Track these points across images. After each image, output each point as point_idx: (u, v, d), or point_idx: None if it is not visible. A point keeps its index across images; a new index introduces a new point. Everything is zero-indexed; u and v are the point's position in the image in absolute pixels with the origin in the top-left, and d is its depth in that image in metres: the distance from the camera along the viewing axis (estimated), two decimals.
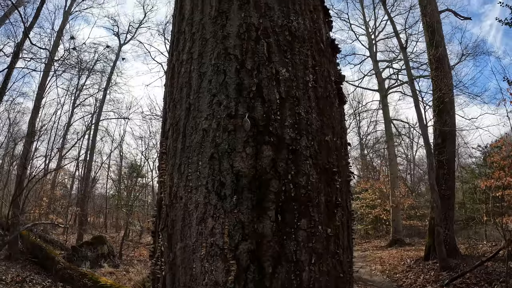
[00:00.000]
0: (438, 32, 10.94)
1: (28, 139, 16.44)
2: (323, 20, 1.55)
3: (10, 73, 13.37)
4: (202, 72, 1.26)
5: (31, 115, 16.39)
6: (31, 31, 13.61)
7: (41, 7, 14.04)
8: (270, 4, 1.33)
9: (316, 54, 1.35)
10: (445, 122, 10.89)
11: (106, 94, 22.65)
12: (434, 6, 11.47)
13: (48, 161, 21.74)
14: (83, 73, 21.73)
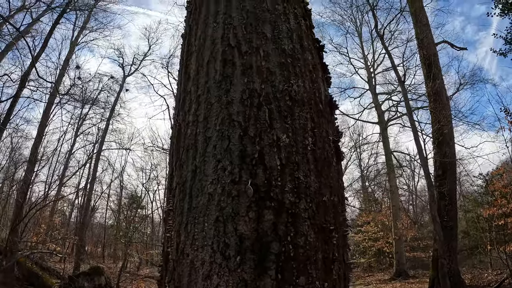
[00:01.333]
0: (435, 65, 11.21)
1: (30, 166, 16.55)
2: (322, 78, 1.65)
3: (16, 101, 13.62)
4: (208, 137, 1.34)
5: (34, 142, 16.58)
6: (38, 60, 13.97)
7: (49, 38, 14.47)
8: (272, 68, 1.42)
9: (315, 115, 1.44)
10: (444, 154, 10.98)
11: (108, 124, 22.92)
12: (430, 39, 11.79)
13: (48, 188, 21.76)
14: (87, 103, 22.10)
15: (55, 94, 15.37)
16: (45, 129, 18.37)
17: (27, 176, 15.65)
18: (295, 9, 1.73)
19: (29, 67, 13.38)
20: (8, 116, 13.70)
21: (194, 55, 1.59)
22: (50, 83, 14.04)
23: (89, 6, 14.89)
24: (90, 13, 16.18)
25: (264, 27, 1.53)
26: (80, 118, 23.56)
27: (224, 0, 1.66)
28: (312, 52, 1.63)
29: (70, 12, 14.57)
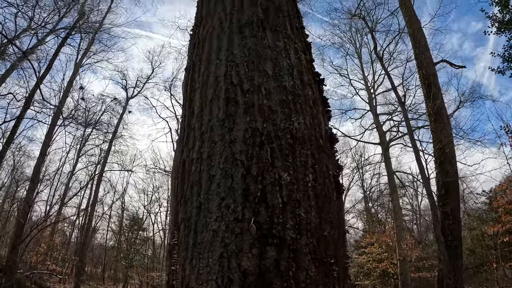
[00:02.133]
0: (435, 84, 11.32)
1: (32, 186, 16.57)
2: (322, 113, 1.69)
3: (20, 121, 13.76)
4: (212, 175, 1.37)
5: (37, 162, 16.64)
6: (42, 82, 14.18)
7: (53, 60, 14.71)
8: (274, 107, 1.47)
9: (316, 152, 1.48)
10: (447, 173, 10.97)
11: (111, 146, 23.08)
12: (429, 59, 11.93)
13: (50, 208, 21.76)
14: (90, 124, 22.33)
15: (58, 115, 15.54)
16: (47, 149, 18.47)
17: (29, 196, 15.67)
18: (296, 43, 1.80)
19: (34, 88, 13.54)
20: (12, 135, 13.80)
21: (198, 92, 1.65)
22: (54, 106, 14.21)
23: (93, 29, 15.23)
24: (95, 36, 16.53)
25: (265, 65, 1.58)
26: (83, 139, 23.73)
27: (226, 37, 1.73)
28: (313, 87, 1.69)
29: (75, 34, 14.89)
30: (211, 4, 2.02)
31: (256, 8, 1.85)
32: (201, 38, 1.87)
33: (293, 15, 2.01)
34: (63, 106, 17.62)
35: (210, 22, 1.89)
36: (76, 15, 15.88)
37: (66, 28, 16.04)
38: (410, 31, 12.14)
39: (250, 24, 1.74)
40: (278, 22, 1.81)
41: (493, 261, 15.04)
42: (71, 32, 13.41)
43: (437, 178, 11.19)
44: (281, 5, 1.96)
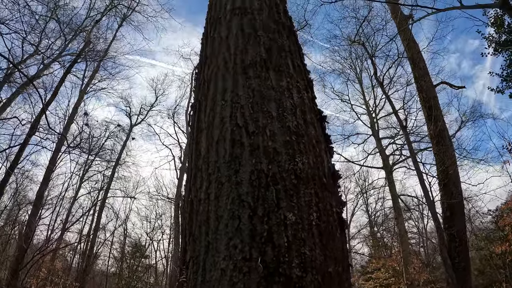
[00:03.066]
0: (435, 107, 11.40)
1: (35, 210, 16.55)
2: (325, 150, 1.74)
3: (24, 147, 13.89)
4: (219, 215, 1.42)
5: (40, 187, 16.69)
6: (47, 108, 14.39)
7: (59, 86, 14.96)
8: (278, 148, 1.52)
9: (319, 190, 1.52)
10: (451, 194, 10.90)
11: (114, 172, 23.16)
12: (429, 82, 12.04)
13: (51, 232, 21.64)
14: (94, 150, 22.53)
15: (63, 141, 15.69)
16: (51, 174, 18.55)
17: (32, 220, 15.66)
18: (298, 82, 1.87)
19: (39, 115, 13.72)
20: (16, 160, 13.90)
21: (204, 133, 1.71)
22: (59, 134, 14.39)
23: (99, 56, 15.60)
24: (100, 64, 16.93)
25: (269, 105, 1.65)
26: (86, 165, 23.83)
27: (231, 78, 1.80)
28: (315, 125, 1.75)
29: (80, 62, 15.23)
30: (215, 43, 2.12)
31: (259, 48, 1.93)
32: (207, 78, 1.95)
33: (295, 53, 2.10)
34: (68, 132, 17.86)
35: (214, 62, 1.97)
36: (82, 42, 16.32)
37: (71, 54, 16.43)
38: (409, 55, 12.33)
39: (254, 64, 1.82)
40: (280, 62, 1.89)
41: (502, 280, 14.77)
42: (77, 59, 13.72)
43: (441, 201, 11.11)
44: (283, 44, 2.05)
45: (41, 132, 14.19)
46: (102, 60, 16.21)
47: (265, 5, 2.37)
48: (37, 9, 11.98)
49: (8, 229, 21.20)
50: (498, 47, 14.40)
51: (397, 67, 17.22)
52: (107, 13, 13.62)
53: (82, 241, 24.15)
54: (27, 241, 13.59)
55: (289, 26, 2.33)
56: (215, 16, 2.42)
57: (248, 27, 2.10)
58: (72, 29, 15.00)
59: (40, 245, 17.90)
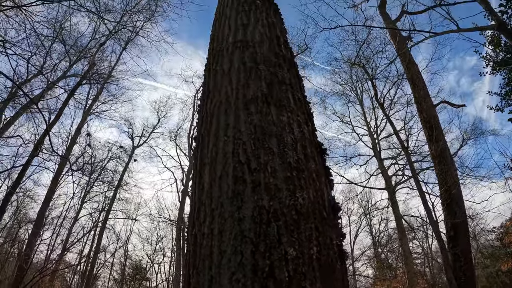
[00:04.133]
0: (436, 127, 11.46)
1: (36, 230, 16.46)
2: (325, 182, 1.78)
3: (27, 167, 13.94)
4: (222, 250, 1.45)
5: (41, 207, 16.66)
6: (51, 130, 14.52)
7: (63, 108, 15.13)
8: (279, 185, 1.56)
9: (320, 225, 1.55)
10: (455, 214, 10.84)
11: (116, 193, 23.17)
12: (429, 102, 12.13)
13: (51, 252, 21.47)
14: (96, 170, 22.61)
15: (65, 162, 15.75)
16: (53, 195, 18.56)
17: (32, 240, 15.59)
18: (298, 116, 1.92)
19: (43, 135, 13.80)
20: (19, 180, 13.94)
21: (207, 168, 1.75)
22: (63, 158, 14.46)
23: (103, 79, 15.84)
24: (103, 86, 17.18)
25: (270, 142, 1.70)
26: (88, 186, 23.83)
27: (233, 113, 1.86)
28: (315, 159, 1.79)
29: (84, 84, 15.47)
30: (218, 77, 2.18)
31: (260, 83, 1.99)
32: (209, 111, 2.00)
33: (295, 85, 2.16)
34: (70, 153, 17.96)
35: (217, 96, 2.03)
36: (86, 63, 16.61)
37: (76, 76, 16.70)
38: (408, 76, 12.47)
39: (255, 99, 1.88)
40: (281, 96, 1.95)
41: None
42: (81, 81, 13.94)
43: (445, 220, 11.04)
44: (284, 77, 2.12)
45: (44, 153, 14.27)
46: (106, 83, 16.45)
47: (266, 37, 2.46)
48: (43, 31, 12.24)
49: (7, 247, 21.08)
50: (496, 66, 14.57)
51: (398, 88, 17.39)
52: (111, 37, 13.90)
53: (82, 262, 23.94)
54: (27, 260, 13.49)
55: (289, 58, 2.41)
56: (217, 48, 2.50)
57: (250, 61, 2.17)
58: (77, 51, 15.29)
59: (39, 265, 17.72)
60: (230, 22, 2.73)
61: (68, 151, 17.94)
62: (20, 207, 22.61)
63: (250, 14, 2.76)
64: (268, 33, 2.52)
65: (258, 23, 2.61)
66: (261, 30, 2.53)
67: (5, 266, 19.33)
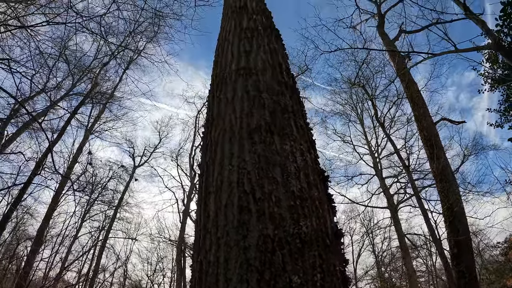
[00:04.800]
0: (437, 145, 11.50)
1: (35, 248, 16.35)
2: (328, 210, 1.82)
3: (28, 185, 13.96)
4: (228, 278, 1.48)
5: (41, 225, 16.60)
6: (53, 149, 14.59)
7: (66, 127, 15.24)
8: (283, 214, 1.60)
9: (323, 252, 1.59)
10: (458, 231, 10.79)
11: (116, 213, 23.12)
12: (429, 121, 12.21)
13: (49, 270, 21.27)
14: (96, 189, 22.62)
15: (66, 181, 15.77)
16: (53, 213, 18.52)
17: (31, 258, 15.49)
18: (301, 144, 1.97)
19: (45, 154, 13.88)
20: (20, 197, 13.95)
21: (213, 196, 1.80)
22: (65, 177, 14.49)
23: (105, 98, 16.02)
24: (105, 105, 17.36)
25: (274, 171, 1.74)
26: (88, 204, 23.78)
27: (237, 142, 1.91)
28: (318, 187, 1.83)
29: (87, 104, 15.61)
30: (222, 105, 2.24)
31: (263, 111, 2.05)
32: (213, 140, 2.06)
33: (298, 113, 2.22)
34: (71, 171, 17.99)
35: (221, 124, 2.08)
36: (89, 82, 16.82)
37: (78, 94, 16.88)
38: (408, 95, 12.60)
39: (259, 129, 1.94)
40: (284, 124, 2.01)
41: None
42: (84, 101, 14.09)
43: (448, 238, 10.97)
44: (286, 105, 2.17)
45: (45, 171, 14.31)
46: (108, 102, 16.61)
47: (268, 64, 2.53)
48: (47, 49, 12.47)
49: (5, 263, 20.93)
50: (494, 83, 14.71)
51: (398, 107, 17.51)
52: (114, 57, 14.13)
53: (81, 281, 23.66)
54: (26, 278, 13.37)
55: (291, 85, 2.47)
56: (221, 75, 2.57)
57: (253, 89, 2.23)
58: (80, 70, 15.50)
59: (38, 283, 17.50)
60: (233, 48, 2.81)
61: (70, 170, 17.98)
62: (20, 223, 22.55)
63: (252, 41, 2.85)
64: (270, 60, 2.60)
65: (260, 50, 2.69)
66: (263, 57, 2.61)
67: (2, 282, 19.16)
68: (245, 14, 3.58)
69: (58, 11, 10.59)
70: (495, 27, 10.41)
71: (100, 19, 9.13)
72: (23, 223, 23.15)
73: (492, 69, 14.86)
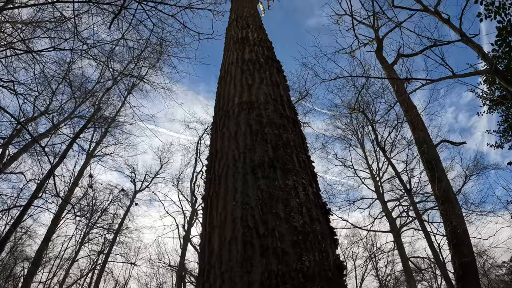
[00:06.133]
0: (438, 167, 11.50)
1: (33, 269, 16.17)
2: (330, 244, 1.84)
3: (28, 207, 13.89)
4: None
5: (40, 246, 16.48)
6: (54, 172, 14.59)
7: (68, 150, 15.29)
8: (286, 249, 1.63)
9: (326, 285, 1.60)
10: (461, 253, 10.67)
11: (116, 237, 22.96)
12: (430, 143, 12.23)
13: None
14: (96, 212, 22.55)
15: (66, 204, 15.74)
16: (52, 235, 18.43)
17: (29, 280, 15.33)
18: (303, 178, 2.02)
19: (46, 177, 13.85)
20: (19, 219, 13.87)
21: (217, 231, 1.83)
22: (66, 202, 14.48)
23: (107, 122, 16.16)
24: (107, 130, 17.50)
25: (277, 207, 1.78)
26: (88, 227, 23.63)
27: (241, 178, 1.95)
28: (320, 220, 1.87)
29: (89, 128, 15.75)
30: (225, 139, 2.30)
31: (266, 146, 2.10)
32: (217, 173, 2.10)
33: (299, 146, 2.27)
34: (72, 194, 17.97)
35: (225, 159, 2.13)
36: (91, 106, 16.99)
37: (80, 117, 17.02)
38: (408, 119, 12.70)
39: (262, 164, 1.98)
40: (286, 159, 2.06)
41: None
42: (87, 125, 14.22)
43: (453, 260, 10.84)
44: (288, 139, 2.23)
45: (46, 194, 14.28)
46: (110, 127, 16.75)
47: (271, 98, 2.60)
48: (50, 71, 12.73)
49: (1, 283, 20.61)
50: (493, 105, 14.84)
51: (398, 131, 17.61)
52: (117, 83, 14.36)
53: None
54: None
55: (293, 118, 2.54)
56: (224, 108, 2.63)
57: (256, 124, 2.29)
58: (82, 93, 15.71)
59: None
60: (235, 81, 2.89)
61: (70, 193, 17.96)
62: (18, 243, 22.38)
63: (254, 74, 2.94)
64: (272, 93, 2.67)
65: (263, 83, 2.77)
66: (265, 90, 2.68)
67: None
68: (247, 45, 3.69)
69: (63, 35, 10.86)
70: (491, 52, 10.60)
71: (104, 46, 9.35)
72: (22, 243, 22.97)
73: (490, 91, 15.02)
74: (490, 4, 9.63)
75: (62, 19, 10.29)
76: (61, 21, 10.52)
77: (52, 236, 18.39)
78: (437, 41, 11.81)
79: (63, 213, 17.71)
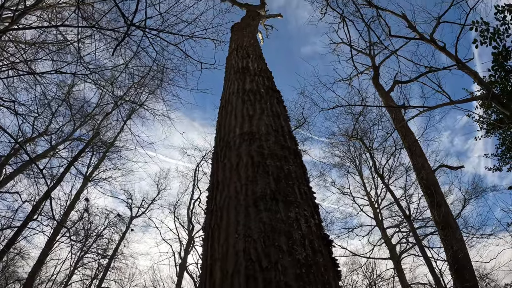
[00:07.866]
0: (437, 192, 11.51)
1: None
2: (333, 276, 1.84)
3: (23, 229, 13.72)
4: None
5: (32, 268, 16.23)
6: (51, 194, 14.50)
7: (65, 173, 15.26)
8: (289, 282, 1.62)
9: None
10: (463, 278, 10.54)
11: (110, 262, 22.63)
12: (428, 169, 12.26)
13: None
14: (91, 236, 22.30)
15: (61, 227, 15.59)
16: (46, 257, 18.18)
17: None
18: (305, 210, 2.03)
19: (42, 199, 13.76)
20: (14, 240, 13.69)
21: (219, 264, 1.83)
22: (61, 225, 14.35)
23: (105, 146, 16.23)
24: (105, 154, 17.56)
25: (280, 239, 1.79)
26: (82, 251, 23.27)
27: (243, 210, 1.96)
28: (323, 252, 1.87)
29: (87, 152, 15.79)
30: (226, 171, 2.32)
31: (268, 178, 2.13)
32: (219, 206, 2.12)
33: (301, 177, 2.29)
34: (67, 218, 17.80)
35: (226, 191, 2.15)
36: (90, 130, 17.07)
37: (79, 139, 17.06)
38: (405, 145, 12.79)
39: (264, 197, 2.01)
40: (288, 191, 2.08)
41: None
42: (85, 149, 14.26)
43: (455, 286, 10.68)
44: (290, 171, 2.26)
45: (42, 216, 14.13)
46: (108, 152, 16.81)
47: (272, 129, 2.65)
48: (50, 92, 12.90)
49: None
50: (490, 128, 14.98)
51: (396, 158, 17.71)
52: (117, 107, 14.52)
53: None
54: None
55: (294, 149, 2.57)
56: (225, 139, 2.67)
57: (257, 155, 2.32)
58: (82, 115, 15.82)
59: None
60: (236, 112, 2.94)
61: (66, 216, 17.80)
62: (10, 263, 21.97)
63: (255, 104, 2.99)
64: (273, 124, 2.72)
65: (263, 114, 2.83)
66: (266, 121, 2.73)
67: None
68: (248, 75, 3.78)
69: (66, 57, 11.03)
70: (488, 78, 10.81)
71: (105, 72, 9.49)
72: (14, 263, 22.56)
73: (486, 115, 15.20)
74: (485, 31, 9.91)
75: (66, 43, 10.50)
76: (64, 44, 10.73)
77: (46, 259, 18.13)
78: (432, 67, 12.07)
79: (57, 236, 17.53)
